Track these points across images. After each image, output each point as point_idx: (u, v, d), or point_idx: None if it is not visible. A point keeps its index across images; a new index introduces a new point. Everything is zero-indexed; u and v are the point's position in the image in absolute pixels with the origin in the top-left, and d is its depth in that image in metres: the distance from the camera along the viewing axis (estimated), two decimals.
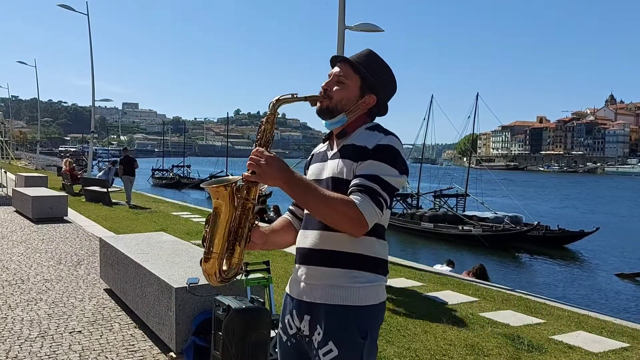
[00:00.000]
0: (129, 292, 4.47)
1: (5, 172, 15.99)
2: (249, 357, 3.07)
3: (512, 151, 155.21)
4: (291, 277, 1.80)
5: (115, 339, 3.93)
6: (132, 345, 3.83)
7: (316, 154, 1.86)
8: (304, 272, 1.71)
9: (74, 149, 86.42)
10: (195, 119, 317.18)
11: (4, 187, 14.64)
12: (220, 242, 1.62)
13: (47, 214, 10.13)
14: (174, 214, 12.25)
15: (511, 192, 29.42)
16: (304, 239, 1.73)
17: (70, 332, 4.02)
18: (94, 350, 3.69)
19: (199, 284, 3.50)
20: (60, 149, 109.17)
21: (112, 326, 4.20)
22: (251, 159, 1.55)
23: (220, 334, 3.09)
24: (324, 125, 1.76)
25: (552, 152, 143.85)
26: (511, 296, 6.05)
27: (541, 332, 4.59)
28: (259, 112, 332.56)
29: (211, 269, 1.64)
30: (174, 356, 3.50)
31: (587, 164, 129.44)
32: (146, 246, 4.84)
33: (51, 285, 5.38)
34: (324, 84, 1.75)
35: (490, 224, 19.65)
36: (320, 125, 1.84)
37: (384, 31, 8.40)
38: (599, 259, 17.73)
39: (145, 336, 4.00)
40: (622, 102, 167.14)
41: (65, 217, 10.43)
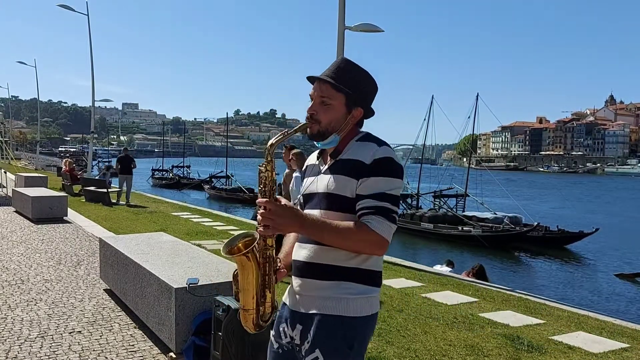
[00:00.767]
0: (128, 293, 4.47)
1: (5, 173, 15.98)
2: (248, 357, 3.07)
3: (512, 151, 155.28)
4: (288, 288, 1.85)
5: (115, 339, 3.93)
6: (132, 345, 3.83)
7: (309, 166, 1.88)
8: (298, 283, 1.75)
9: (74, 149, 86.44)
10: (195, 119, 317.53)
11: (4, 187, 14.63)
12: (252, 299, 1.70)
13: (47, 214, 10.13)
14: (173, 214, 12.26)
15: (511, 193, 29.45)
16: (300, 251, 1.76)
17: (70, 333, 4.02)
18: (94, 350, 3.69)
19: (199, 284, 3.50)
20: (60, 149, 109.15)
21: (112, 326, 4.20)
22: (261, 214, 1.58)
23: (220, 334, 3.10)
24: (318, 145, 1.78)
25: (552, 153, 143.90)
26: (511, 296, 6.06)
27: (541, 332, 4.60)
28: (258, 113, 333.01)
29: (249, 323, 1.72)
30: (174, 356, 3.51)
31: (587, 164, 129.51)
32: (146, 246, 4.84)
33: (51, 285, 5.38)
34: (309, 109, 1.75)
35: (490, 225, 19.66)
36: None
37: (383, 31, 8.41)
38: (598, 260, 17.73)
39: (145, 336, 4.00)
40: (622, 102, 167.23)
41: (65, 218, 10.43)
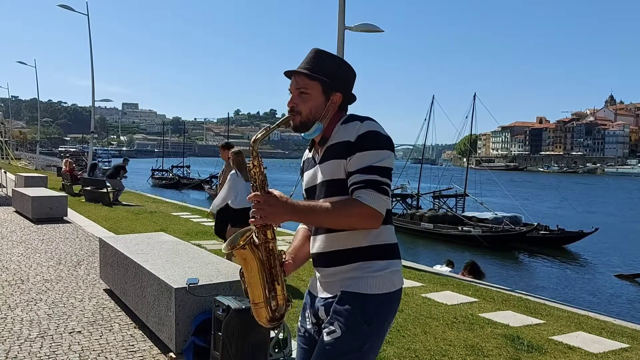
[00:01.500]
0: (128, 293, 4.47)
1: (5, 173, 15.98)
2: (248, 357, 3.08)
3: (511, 152, 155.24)
4: (312, 278, 1.91)
5: (115, 339, 3.93)
6: (132, 345, 3.82)
7: (306, 161, 1.93)
8: (320, 274, 1.82)
9: (74, 149, 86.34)
10: (195, 119, 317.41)
11: (4, 187, 14.63)
12: (260, 292, 1.74)
13: (46, 214, 10.13)
14: (173, 214, 12.26)
15: (510, 193, 29.44)
16: (314, 243, 1.83)
17: (70, 333, 4.02)
18: (94, 350, 3.69)
19: (199, 284, 3.50)
20: (60, 149, 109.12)
21: (111, 326, 4.20)
22: (254, 206, 1.63)
23: (220, 334, 3.10)
24: (303, 137, 1.82)
25: (552, 153, 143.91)
26: (511, 297, 6.06)
27: (541, 332, 4.60)
28: (258, 113, 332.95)
29: (262, 317, 1.76)
30: (174, 356, 3.50)
31: (587, 164, 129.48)
32: (146, 246, 4.84)
33: (51, 285, 5.38)
34: (288, 102, 1.80)
35: (489, 225, 19.66)
36: None
37: (383, 31, 8.41)
38: (598, 260, 17.73)
39: (145, 336, 4.00)
40: (621, 102, 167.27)
41: (65, 218, 10.43)
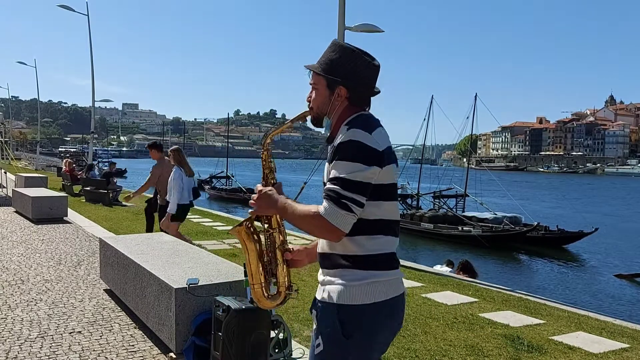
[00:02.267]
0: (128, 293, 4.47)
1: (5, 173, 15.98)
2: (248, 357, 3.08)
3: (512, 152, 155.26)
4: None
5: (115, 339, 3.93)
6: (132, 345, 3.83)
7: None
8: (319, 273, 1.84)
9: (74, 150, 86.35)
10: (195, 119, 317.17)
11: (4, 187, 14.63)
12: (256, 272, 1.85)
13: (47, 215, 10.13)
14: None
15: (511, 193, 29.45)
16: (319, 243, 1.85)
17: (70, 333, 4.02)
18: (94, 350, 3.69)
19: (199, 284, 3.50)
20: (60, 149, 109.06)
21: (112, 327, 4.20)
22: (252, 196, 1.79)
23: (220, 334, 3.10)
24: (324, 133, 1.84)
25: (552, 153, 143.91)
26: (511, 297, 6.06)
27: (541, 332, 4.60)
28: (258, 113, 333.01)
29: (257, 295, 1.86)
30: (174, 356, 3.51)
31: (587, 164, 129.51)
32: (146, 247, 4.85)
33: (51, 285, 5.38)
34: (307, 97, 1.83)
35: (489, 225, 19.66)
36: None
37: (384, 32, 8.42)
38: (598, 260, 17.73)
39: (145, 337, 4.00)
40: (622, 102, 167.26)
41: (65, 218, 10.43)
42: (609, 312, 8.01)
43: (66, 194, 12.49)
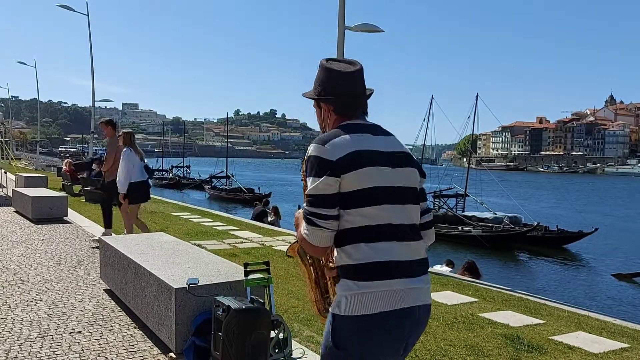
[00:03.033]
0: (128, 293, 4.47)
1: (5, 173, 15.97)
2: (249, 357, 3.08)
3: (512, 152, 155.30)
4: None
5: (115, 339, 3.93)
6: (132, 345, 3.83)
7: None
8: None
9: (74, 150, 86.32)
10: (195, 119, 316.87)
11: (4, 187, 14.62)
12: (311, 291, 1.97)
13: (47, 215, 10.13)
14: (173, 214, 12.25)
15: (511, 193, 29.46)
16: None
17: (70, 333, 4.02)
18: (94, 350, 3.69)
19: (199, 284, 3.50)
20: (60, 149, 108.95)
21: (112, 327, 4.20)
22: None
23: (220, 334, 3.10)
24: None
25: (552, 153, 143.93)
26: (511, 297, 6.06)
27: (541, 332, 4.60)
28: (258, 113, 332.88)
29: (316, 312, 1.97)
30: (174, 356, 3.51)
31: (587, 164, 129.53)
32: (146, 246, 4.84)
33: (51, 285, 5.38)
34: None
35: (489, 225, 19.67)
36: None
37: (383, 32, 8.41)
38: (597, 260, 17.75)
39: (145, 336, 4.00)
40: (622, 102, 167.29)
41: (65, 218, 10.42)
42: (609, 312, 8.02)
43: (66, 194, 12.48)
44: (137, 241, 5.13)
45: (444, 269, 9.38)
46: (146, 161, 7.90)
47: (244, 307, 3.09)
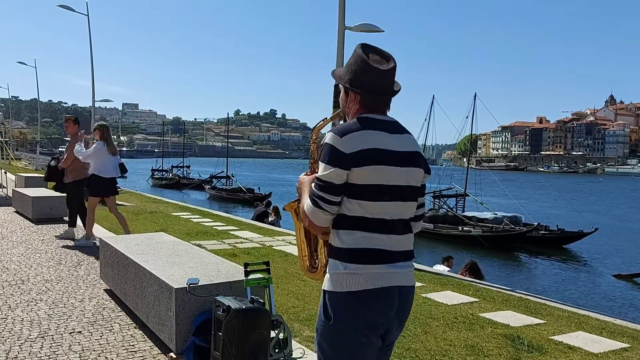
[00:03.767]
0: (129, 293, 4.47)
1: (5, 173, 15.97)
2: (249, 357, 3.08)
3: (512, 152, 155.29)
4: None
5: (115, 339, 3.93)
6: (132, 345, 3.83)
7: None
8: None
9: None
10: (195, 119, 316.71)
11: (4, 187, 14.63)
12: (301, 247, 2.10)
13: (47, 215, 10.12)
14: (174, 214, 12.25)
15: (511, 193, 29.46)
16: None
17: (70, 333, 4.02)
18: (94, 350, 3.69)
19: (199, 284, 3.50)
20: (60, 149, 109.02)
21: (112, 327, 4.20)
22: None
23: (220, 334, 3.10)
24: None
25: (552, 153, 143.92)
26: (511, 296, 6.05)
27: (541, 332, 4.60)
28: (258, 113, 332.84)
29: (304, 266, 2.10)
30: (174, 356, 3.51)
31: (587, 164, 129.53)
32: (146, 246, 4.85)
33: (51, 285, 5.38)
34: None
35: (489, 225, 19.67)
36: None
37: (384, 32, 8.41)
38: (597, 260, 17.75)
39: (145, 336, 4.00)
40: (622, 102, 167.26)
41: (65, 218, 10.39)
42: (609, 312, 8.02)
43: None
44: (137, 241, 5.13)
45: (442, 268, 9.38)
46: (121, 159, 7.86)
47: (244, 307, 3.09)
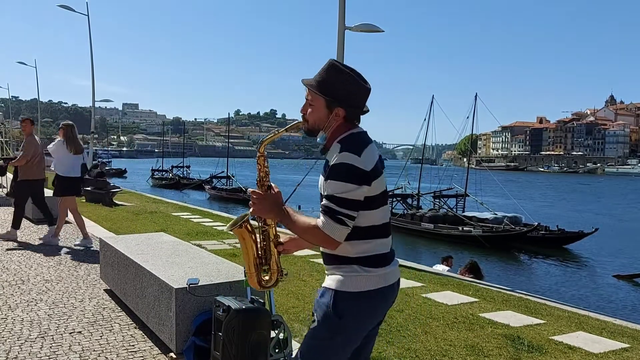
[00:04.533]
0: (129, 293, 4.47)
1: (5, 173, 15.96)
2: (249, 357, 3.07)
3: (512, 152, 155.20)
4: None
5: (115, 339, 3.93)
6: (132, 345, 3.83)
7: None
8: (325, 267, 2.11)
9: None
10: (195, 119, 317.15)
11: (4, 187, 14.62)
12: (251, 264, 2.14)
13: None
14: (174, 214, 12.25)
15: (511, 193, 29.45)
16: None
17: (70, 333, 4.02)
18: (94, 350, 3.69)
19: (199, 284, 3.50)
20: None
21: (112, 327, 4.20)
22: (251, 198, 2.00)
23: (220, 334, 3.10)
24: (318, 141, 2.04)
25: (552, 153, 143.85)
26: (511, 296, 6.05)
27: (541, 332, 4.60)
28: (258, 113, 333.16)
29: (254, 283, 2.16)
30: (174, 357, 3.51)
31: (587, 164, 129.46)
32: (146, 247, 4.84)
33: (51, 285, 5.38)
34: (301, 109, 2.03)
35: (490, 225, 19.66)
36: None
37: (384, 32, 8.42)
38: (597, 260, 17.74)
39: (145, 337, 4.00)
40: (622, 102, 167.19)
41: (65, 218, 10.40)
42: (609, 312, 8.01)
43: None
44: (137, 241, 5.13)
45: (441, 268, 9.38)
46: (85, 159, 7.89)
47: (244, 307, 3.09)
